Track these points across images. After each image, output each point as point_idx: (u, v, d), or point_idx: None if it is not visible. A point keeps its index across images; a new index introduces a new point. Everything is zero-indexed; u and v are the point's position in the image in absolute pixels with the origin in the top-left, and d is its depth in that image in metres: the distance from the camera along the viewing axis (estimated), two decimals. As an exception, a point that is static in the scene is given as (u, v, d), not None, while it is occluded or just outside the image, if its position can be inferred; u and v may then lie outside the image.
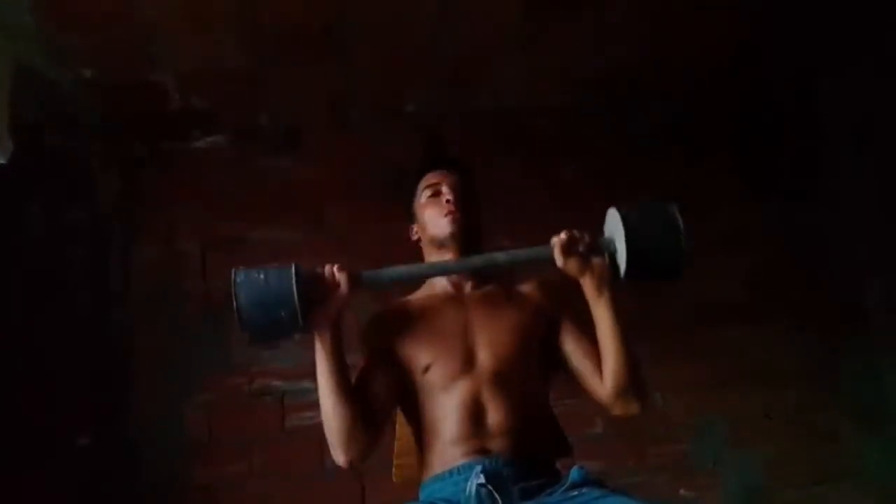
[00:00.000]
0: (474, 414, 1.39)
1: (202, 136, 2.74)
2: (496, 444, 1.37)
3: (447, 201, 1.51)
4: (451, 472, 1.37)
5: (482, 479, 1.29)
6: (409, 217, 1.62)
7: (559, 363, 1.50)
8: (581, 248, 1.38)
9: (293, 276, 1.33)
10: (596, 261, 1.39)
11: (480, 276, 1.56)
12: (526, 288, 1.56)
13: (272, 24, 2.21)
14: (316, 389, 2.38)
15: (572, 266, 1.39)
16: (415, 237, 1.61)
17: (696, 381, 2.63)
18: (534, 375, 1.48)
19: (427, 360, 1.43)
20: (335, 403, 1.37)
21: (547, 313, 1.52)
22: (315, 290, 1.35)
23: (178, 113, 2.58)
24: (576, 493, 1.27)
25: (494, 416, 1.38)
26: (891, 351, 2.65)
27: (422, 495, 1.42)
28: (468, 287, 1.54)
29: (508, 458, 1.35)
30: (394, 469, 1.60)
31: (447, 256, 1.52)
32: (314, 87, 2.55)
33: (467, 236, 1.51)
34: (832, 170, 2.87)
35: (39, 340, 2.46)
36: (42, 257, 2.56)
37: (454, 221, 1.50)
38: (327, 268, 1.38)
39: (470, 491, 1.30)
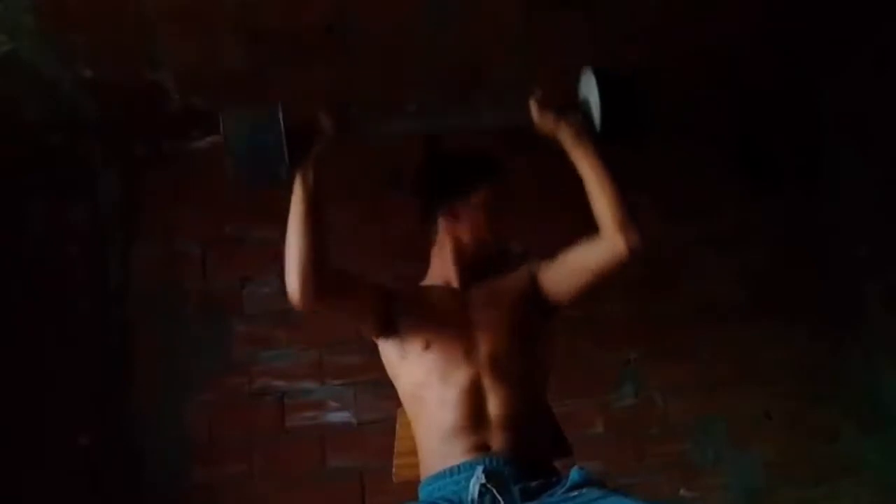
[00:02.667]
0: (474, 404, 1.39)
1: (202, 136, 2.74)
2: (496, 441, 1.37)
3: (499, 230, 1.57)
4: (451, 471, 1.37)
5: (484, 479, 1.30)
6: (449, 206, 1.58)
7: (559, 294, 1.51)
8: (555, 105, 1.45)
9: (279, 110, 1.36)
10: (571, 115, 1.46)
11: (478, 272, 1.56)
12: (521, 280, 1.56)
13: (272, 24, 2.21)
14: (316, 390, 2.40)
15: (548, 120, 1.44)
16: (448, 224, 1.58)
17: (696, 381, 2.63)
18: (533, 370, 1.48)
19: (428, 339, 1.45)
20: (299, 234, 1.42)
21: (534, 289, 1.53)
22: (302, 129, 1.39)
23: (178, 113, 2.58)
24: (576, 493, 1.27)
25: (494, 406, 1.39)
26: (891, 351, 2.65)
27: (421, 494, 1.42)
28: (467, 279, 1.56)
29: (509, 457, 1.35)
30: (394, 469, 1.60)
31: (466, 261, 1.56)
32: (314, 87, 2.55)
33: (496, 254, 1.57)
34: (832, 170, 2.87)
35: (39, 340, 2.46)
36: (42, 257, 2.56)
37: (495, 247, 1.56)
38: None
39: (472, 492, 1.30)
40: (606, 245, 1.42)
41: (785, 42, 2.64)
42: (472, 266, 1.56)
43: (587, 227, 1.45)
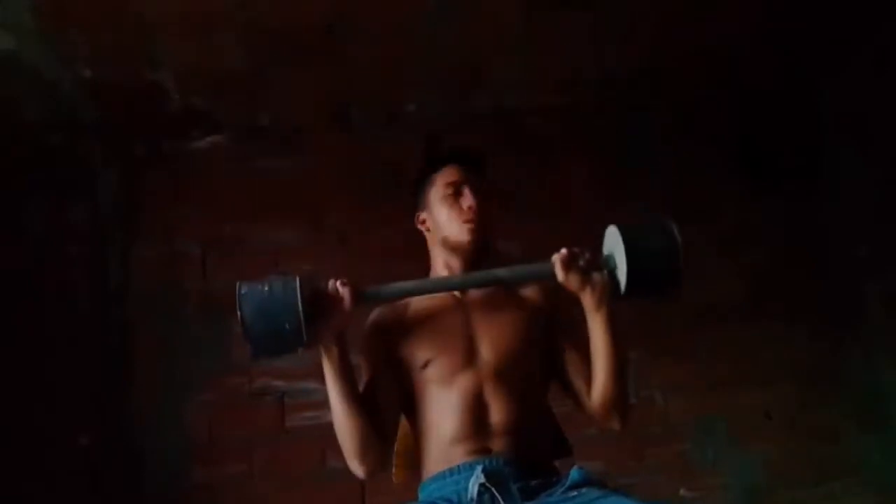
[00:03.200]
0: (476, 411, 1.39)
1: (202, 136, 2.74)
2: (497, 444, 1.37)
3: (468, 207, 1.50)
4: (451, 472, 1.37)
5: (483, 479, 1.29)
6: (417, 202, 1.59)
7: (552, 367, 1.51)
8: (581, 264, 1.40)
9: (297, 288, 1.32)
10: (596, 276, 1.41)
11: (481, 266, 1.53)
12: (526, 291, 1.56)
13: (272, 24, 2.21)
14: (316, 390, 2.40)
15: (573, 281, 1.40)
16: (420, 224, 1.59)
17: (696, 381, 2.63)
18: (534, 374, 1.48)
19: (426, 356, 1.43)
20: (347, 416, 1.37)
21: (546, 315, 1.52)
22: (319, 303, 1.35)
23: (178, 113, 2.58)
24: (576, 493, 1.27)
25: (496, 413, 1.39)
26: (891, 351, 2.65)
27: (421, 495, 1.42)
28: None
29: (509, 457, 1.35)
30: (394, 469, 1.59)
31: (455, 259, 1.52)
32: (314, 87, 2.55)
33: (482, 245, 1.51)
34: (832, 170, 2.87)
35: (39, 340, 2.46)
36: (42, 257, 2.56)
37: (472, 232, 1.49)
38: (331, 282, 1.38)
39: (471, 491, 1.30)
40: (589, 408, 1.47)
41: (785, 42, 2.64)
42: (468, 264, 1.53)
43: (583, 228, 1.44)
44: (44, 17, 2.04)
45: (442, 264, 1.55)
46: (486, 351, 1.44)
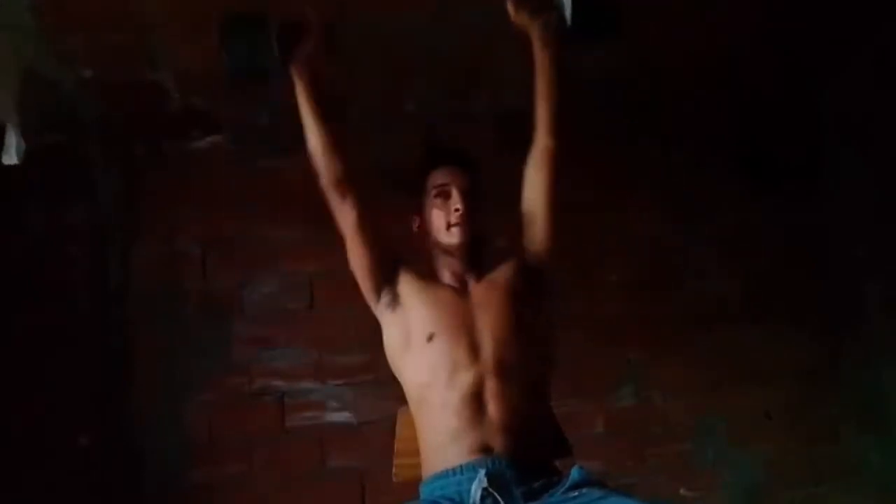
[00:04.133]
0: (477, 407, 1.39)
1: (202, 136, 2.74)
2: (498, 442, 1.37)
3: (455, 210, 1.53)
4: (453, 471, 1.37)
5: (486, 483, 1.30)
6: (414, 209, 1.63)
7: (537, 240, 1.58)
8: (530, 2, 1.57)
9: (270, 19, 1.52)
10: (545, 14, 1.58)
11: (479, 265, 1.57)
12: (506, 275, 1.57)
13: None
14: (316, 390, 2.41)
15: (522, 17, 1.59)
16: (416, 227, 1.63)
17: (696, 381, 2.63)
18: (535, 372, 1.48)
19: (432, 329, 1.46)
20: (311, 121, 1.58)
21: (519, 258, 1.58)
22: (294, 29, 1.54)
23: (178, 113, 2.58)
24: (576, 493, 1.27)
25: (497, 409, 1.39)
26: (891, 351, 2.65)
27: (423, 492, 1.42)
28: (471, 282, 1.56)
29: (510, 458, 1.35)
30: (394, 469, 1.60)
31: (452, 260, 1.55)
32: (314, 87, 2.55)
33: (473, 246, 1.55)
34: (832, 170, 2.87)
35: (39, 340, 2.46)
36: (42, 257, 2.56)
37: (461, 234, 1.53)
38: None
39: (474, 495, 1.30)
40: (538, 147, 1.62)
41: (785, 42, 2.64)
42: (464, 264, 1.55)
43: (579, 225, 1.45)
44: (44, 17, 2.04)
45: (442, 265, 1.57)
46: (488, 348, 1.44)
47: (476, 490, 1.30)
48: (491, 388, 1.40)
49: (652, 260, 2.72)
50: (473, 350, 1.44)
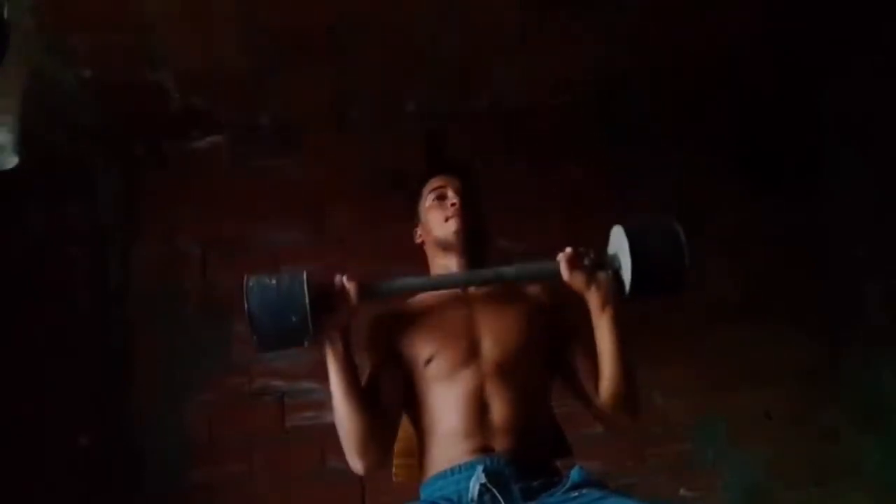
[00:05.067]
0: (477, 407, 1.39)
1: (202, 136, 2.74)
2: (498, 442, 1.37)
3: (451, 205, 1.54)
4: (452, 471, 1.37)
5: (484, 479, 1.30)
6: (414, 219, 1.64)
7: (557, 366, 1.52)
8: (586, 263, 1.42)
9: (304, 282, 1.34)
10: (601, 275, 1.42)
11: (480, 264, 1.56)
12: (529, 289, 1.58)
13: (272, 24, 2.21)
14: (316, 390, 2.41)
15: (578, 279, 1.41)
16: (419, 240, 1.64)
17: (696, 382, 2.63)
18: (537, 372, 1.49)
19: (429, 352, 1.45)
20: (349, 411, 1.38)
21: (550, 314, 1.53)
22: (325, 298, 1.37)
23: (178, 113, 2.58)
24: (576, 493, 1.27)
25: (497, 410, 1.39)
26: (891, 351, 2.65)
27: (423, 494, 1.42)
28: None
29: (510, 457, 1.35)
30: (394, 469, 1.60)
31: (451, 259, 1.55)
32: (314, 87, 2.55)
33: (471, 239, 1.55)
34: (832, 170, 2.87)
35: (39, 340, 2.46)
36: (42, 257, 2.56)
37: (458, 224, 1.53)
38: (337, 277, 1.40)
39: (472, 491, 1.30)
40: (598, 408, 1.47)
41: (785, 42, 2.64)
42: (464, 260, 1.55)
43: (582, 228, 1.45)
44: (44, 17, 2.04)
45: (442, 268, 1.57)
46: (489, 348, 1.45)
47: (474, 486, 1.30)
48: (491, 388, 1.41)
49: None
50: (473, 351, 1.44)
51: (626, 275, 1.40)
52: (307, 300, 1.33)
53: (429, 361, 1.44)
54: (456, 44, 2.39)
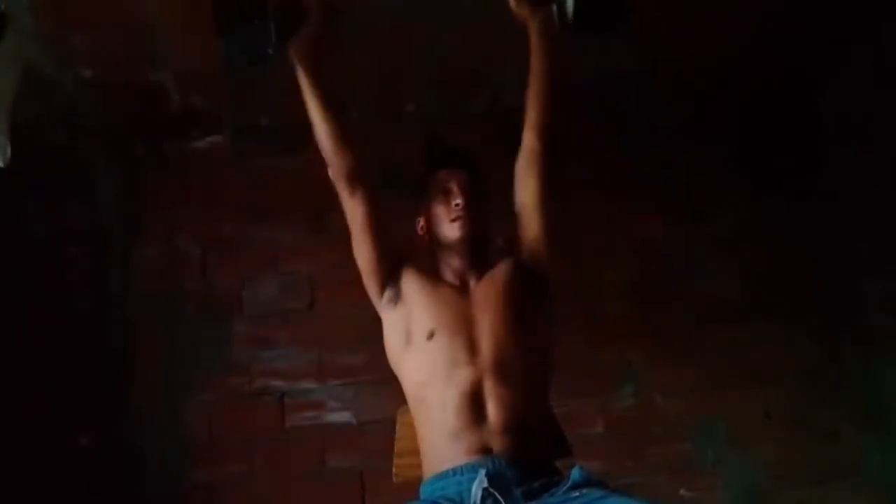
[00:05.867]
0: (476, 406, 1.39)
1: (202, 136, 2.74)
2: (498, 442, 1.37)
3: (456, 205, 1.54)
4: (454, 472, 1.37)
5: (486, 483, 1.30)
6: (418, 211, 1.64)
7: (531, 236, 1.58)
8: None
9: None
10: (545, 6, 1.55)
11: (481, 263, 1.57)
12: (522, 284, 1.56)
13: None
14: (316, 389, 2.41)
15: (523, 8, 1.57)
16: (421, 231, 1.64)
17: (696, 382, 2.63)
18: (535, 371, 1.48)
19: (433, 326, 1.46)
20: (315, 106, 1.56)
21: (516, 256, 1.58)
22: (293, 11, 1.50)
23: (178, 113, 2.58)
24: (577, 493, 1.27)
25: (496, 409, 1.39)
26: (891, 351, 2.65)
27: (423, 494, 1.42)
28: (472, 282, 1.56)
29: (510, 459, 1.35)
30: (394, 469, 1.60)
31: (454, 258, 1.55)
32: (314, 87, 2.54)
33: (474, 239, 1.55)
34: (832, 170, 2.87)
35: (39, 340, 2.46)
36: (42, 257, 2.56)
37: (462, 227, 1.53)
38: None
39: (475, 495, 1.30)
40: (526, 148, 1.59)
41: (785, 42, 2.64)
42: (466, 261, 1.55)
43: (579, 225, 1.45)
44: (44, 18, 2.04)
45: (444, 264, 1.57)
46: (487, 347, 1.44)
47: (476, 490, 1.30)
48: (490, 387, 1.41)
49: (652, 260, 2.72)
50: (472, 349, 1.44)
51: (570, 3, 1.49)
52: (271, 7, 1.44)
53: (431, 336, 1.46)
54: (456, 44, 2.39)
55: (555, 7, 1.53)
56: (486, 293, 1.53)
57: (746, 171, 2.85)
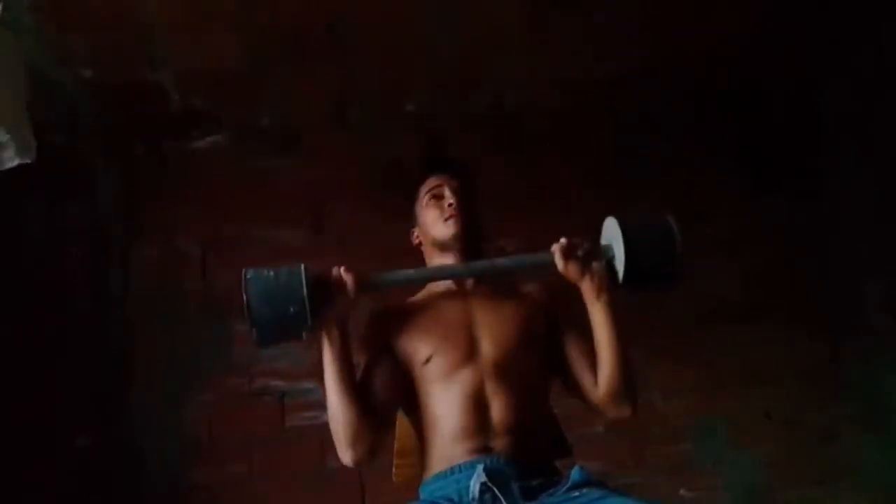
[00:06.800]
0: (477, 407, 1.39)
1: (202, 136, 2.74)
2: (498, 442, 1.37)
3: (448, 205, 1.54)
4: (452, 471, 1.37)
5: (485, 478, 1.30)
6: (411, 220, 1.64)
7: (556, 364, 1.52)
8: (580, 253, 1.43)
9: (303, 274, 1.35)
10: (595, 265, 1.44)
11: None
12: (528, 287, 1.58)
13: (272, 24, 2.21)
14: (316, 389, 2.40)
15: (572, 270, 1.44)
16: (416, 241, 1.64)
17: (696, 382, 2.63)
18: (536, 371, 1.49)
19: (428, 352, 1.45)
20: (341, 403, 1.38)
21: (548, 312, 1.54)
22: (323, 290, 1.37)
23: (178, 113, 2.58)
24: (577, 493, 1.27)
25: (497, 410, 1.39)
26: (891, 351, 2.65)
27: (422, 494, 1.42)
28: (470, 283, 1.56)
29: (510, 457, 1.35)
30: (394, 469, 1.60)
31: (449, 258, 1.55)
32: (314, 87, 2.55)
33: (468, 239, 1.54)
34: (832, 170, 2.87)
35: (39, 340, 2.46)
36: (42, 257, 2.56)
37: (455, 224, 1.53)
38: (335, 269, 1.40)
39: (473, 490, 1.30)
40: (597, 399, 1.46)
41: (785, 42, 2.64)
42: (462, 260, 1.56)
43: (582, 227, 1.46)
44: (44, 18, 2.04)
45: None
46: (488, 347, 1.44)
47: (475, 485, 1.30)
48: (491, 388, 1.41)
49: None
50: (472, 351, 1.44)
51: (620, 264, 1.42)
52: (306, 291, 1.33)
53: (427, 361, 1.44)
54: (456, 44, 2.39)
55: (604, 263, 1.44)
56: (486, 296, 1.53)
57: (746, 171, 2.85)
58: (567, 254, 1.43)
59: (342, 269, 1.40)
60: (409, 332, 1.48)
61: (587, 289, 1.45)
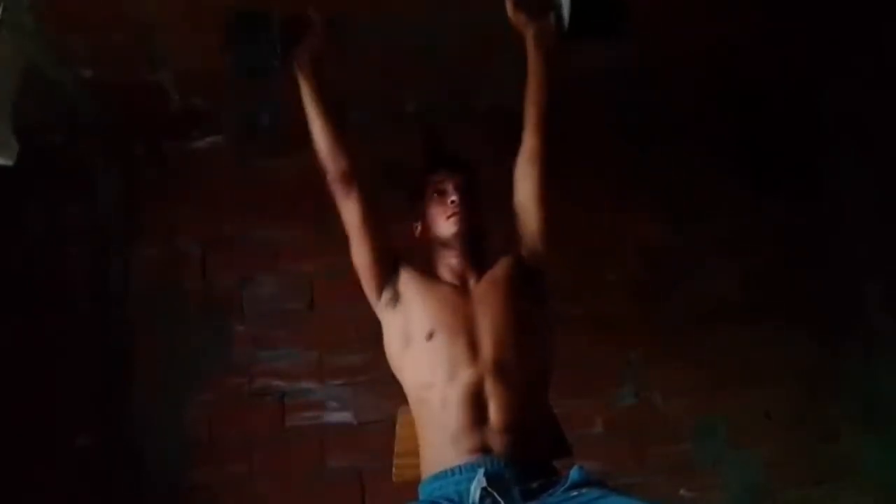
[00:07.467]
0: (477, 408, 1.40)
1: (202, 136, 2.74)
2: (498, 442, 1.37)
3: (452, 202, 1.55)
4: (452, 471, 1.37)
5: (485, 483, 1.30)
6: (414, 215, 1.64)
7: (530, 232, 1.60)
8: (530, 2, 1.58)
9: (276, 13, 1.53)
10: (542, 16, 1.58)
11: (480, 261, 1.58)
12: (522, 283, 1.57)
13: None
14: (316, 390, 2.42)
15: (520, 17, 1.59)
16: (418, 235, 1.65)
17: (696, 382, 2.63)
18: (536, 371, 1.49)
19: (432, 326, 1.47)
20: (315, 114, 1.61)
21: (525, 266, 1.59)
22: (294, 27, 1.56)
23: (178, 113, 2.58)
24: (576, 493, 1.28)
25: (497, 410, 1.39)
26: (891, 351, 2.65)
27: (422, 493, 1.43)
28: (472, 281, 1.56)
29: (509, 458, 1.35)
30: (394, 469, 1.60)
31: (452, 256, 1.55)
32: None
33: (471, 236, 1.55)
34: (832, 170, 2.87)
35: (39, 340, 2.46)
36: (42, 257, 2.56)
37: (458, 222, 1.55)
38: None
39: (473, 495, 1.30)
40: (526, 148, 1.61)
41: (785, 42, 2.64)
42: (465, 259, 1.56)
43: (579, 225, 1.45)
44: (44, 18, 2.04)
45: (443, 264, 1.57)
46: (487, 347, 1.44)
47: (475, 490, 1.30)
48: (490, 387, 1.41)
49: (652, 260, 2.72)
50: (473, 349, 1.44)
51: (566, 10, 1.52)
52: (276, 22, 1.51)
53: (430, 336, 1.46)
54: (456, 44, 2.39)
55: (552, 15, 1.56)
56: (486, 292, 1.53)
57: (746, 171, 2.85)
58: (518, 2, 1.59)
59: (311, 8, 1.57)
60: (420, 291, 1.53)
61: (531, 37, 1.58)
